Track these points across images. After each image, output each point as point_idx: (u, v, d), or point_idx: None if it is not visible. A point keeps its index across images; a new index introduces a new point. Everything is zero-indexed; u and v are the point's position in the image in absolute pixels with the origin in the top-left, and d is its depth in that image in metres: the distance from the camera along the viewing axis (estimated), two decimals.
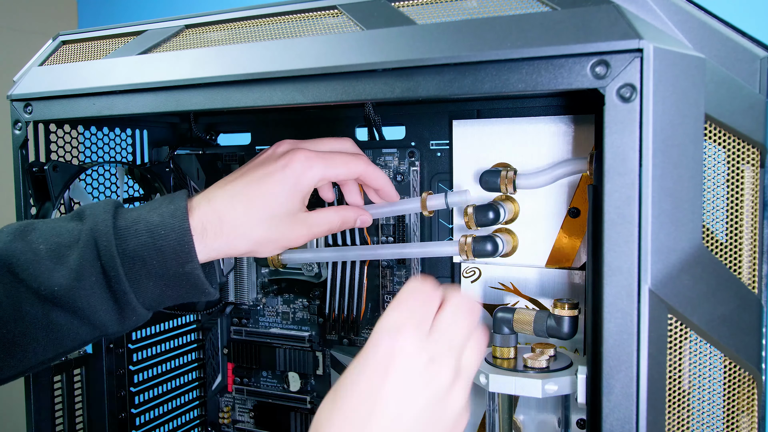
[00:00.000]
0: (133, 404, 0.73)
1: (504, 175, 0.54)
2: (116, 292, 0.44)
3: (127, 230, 0.44)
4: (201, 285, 0.45)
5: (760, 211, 0.41)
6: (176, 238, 0.44)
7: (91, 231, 0.44)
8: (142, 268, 0.44)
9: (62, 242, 0.44)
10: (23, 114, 0.59)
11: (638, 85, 0.36)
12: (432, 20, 0.43)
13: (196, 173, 0.74)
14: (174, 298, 0.46)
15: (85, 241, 0.44)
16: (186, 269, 0.44)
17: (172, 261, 0.44)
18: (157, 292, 0.45)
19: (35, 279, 0.43)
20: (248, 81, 0.48)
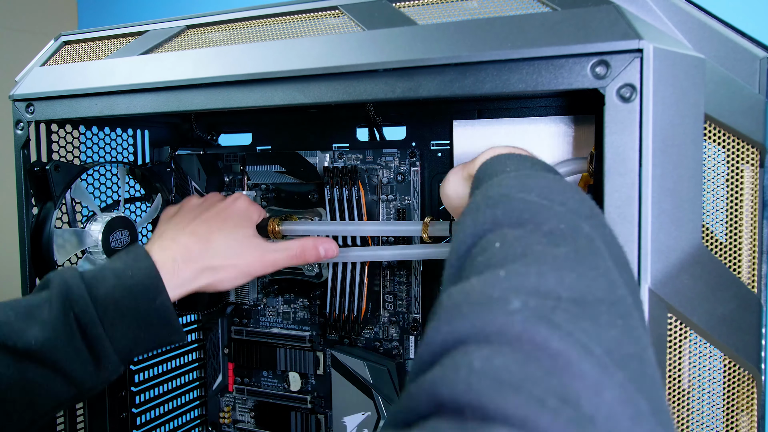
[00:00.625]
0: (134, 404, 0.73)
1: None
2: (91, 338, 0.45)
3: (95, 278, 0.46)
4: (171, 320, 0.48)
5: (759, 211, 0.41)
6: (144, 275, 0.47)
7: (59, 286, 0.45)
8: (115, 310, 0.46)
9: (32, 304, 0.46)
10: (25, 114, 0.59)
11: (638, 85, 0.36)
12: (433, 21, 0.43)
13: (197, 173, 0.74)
14: (146, 342, 0.48)
15: (56, 296, 0.45)
16: (157, 303, 0.47)
17: (143, 297, 0.47)
18: (131, 336, 0.46)
19: (9, 338, 0.44)
20: (249, 81, 0.48)
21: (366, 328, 0.70)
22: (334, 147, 0.70)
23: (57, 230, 0.61)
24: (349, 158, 0.67)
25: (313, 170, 0.68)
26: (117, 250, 0.66)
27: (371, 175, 0.67)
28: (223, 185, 0.76)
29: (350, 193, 0.65)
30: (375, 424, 0.67)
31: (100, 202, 0.70)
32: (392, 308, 0.68)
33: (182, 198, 0.74)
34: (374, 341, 0.69)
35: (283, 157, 0.69)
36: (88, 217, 0.66)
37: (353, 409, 0.68)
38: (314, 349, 0.73)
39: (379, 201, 0.66)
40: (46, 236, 0.60)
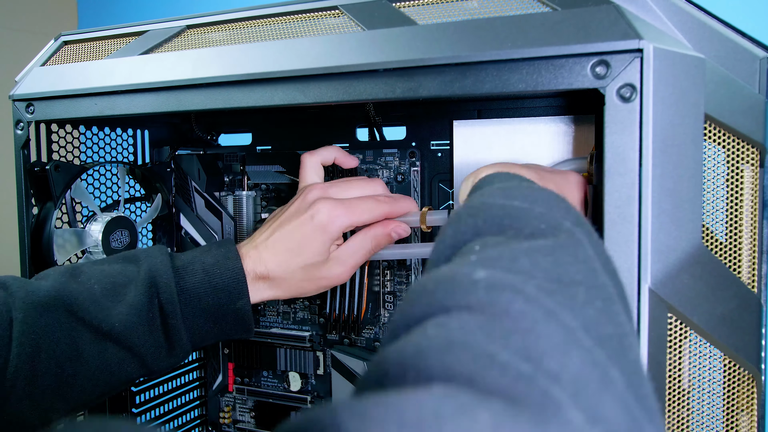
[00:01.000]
0: (134, 404, 0.73)
1: None
2: (170, 327, 0.46)
3: (185, 269, 0.47)
4: (247, 322, 0.49)
5: (759, 211, 0.41)
6: (231, 277, 0.48)
7: (148, 270, 0.46)
8: (197, 305, 0.47)
9: (117, 282, 0.46)
10: (25, 114, 0.59)
11: (638, 85, 0.36)
12: (433, 20, 0.43)
13: (197, 173, 0.74)
14: (217, 335, 0.49)
15: (143, 279, 0.46)
16: (237, 305, 0.48)
17: (226, 298, 0.47)
18: (206, 329, 0.48)
19: (95, 317, 0.44)
20: (250, 81, 0.48)
21: (366, 328, 0.70)
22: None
23: (57, 230, 0.61)
24: None
25: None
26: (117, 250, 0.66)
27: (371, 175, 0.67)
28: (223, 185, 0.76)
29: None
30: None
31: (100, 202, 0.70)
32: (392, 308, 0.68)
33: (182, 198, 0.74)
34: (374, 341, 0.69)
35: (283, 157, 0.69)
36: (88, 217, 0.66)
37: None
38: (314, 349, 0.73)
39: None
40: (46, 236, 0.60)
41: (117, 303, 0.45)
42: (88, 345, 0.44)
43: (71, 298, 0.44)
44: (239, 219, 0.74)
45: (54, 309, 0.44)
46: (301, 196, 0.53)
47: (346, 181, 0.54)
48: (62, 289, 0.45)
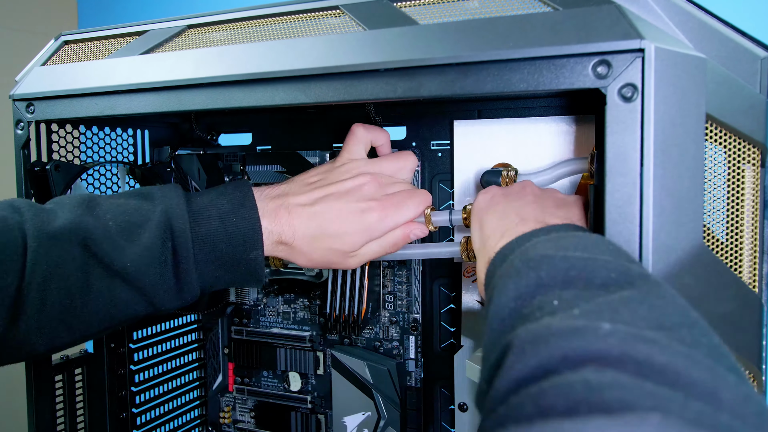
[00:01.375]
0: (134, 404, 0.73)
1: (505, 176, 0.54)
2: (181, 271, 0.46)
3: (200, 214, 0.47)
4: (259, 272, 0.48)
5: (760, 211, 0.41)
6: (247, 227, 0.47)
7: (164, 212, 0.46)
8: (211, 252, 0.46)
9: (132, 220, 0.46)
10: (25, 114, 0.59)
11: (639, 85, 0.36)
12: (434, 20, 0.43)
13: (197, 173, 0.74)
14: (228, 282, 0.48)
15: (158, 222, 0.45)
16: (251, 256, 0.47)
17: (240, 247, 0.47)
18: (216, 275, 0.47)
19: (107, 254, 0.44)
20: (250, 81, 0.48)
21: (366, 328, 0.70)
22: (335, 147, 0.70)
23: None
24: None
25: None
26: None
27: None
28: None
29: None
30: (375, 424, 0.67)
31: None
32: (392, 308, 0.68)
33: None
34: (374, 341, 0.69)
35: (283, 157, 0.69)
36: None
37: (353, 409, 0.68)
38: (314, 349, 0.73)
39: None
40: None
41: (131, 243, 0.45)
42: (98, 281, 0.44)
43: (86, 232, 0.44)
44: None
45: (68, 241, 0.44)
46: (352, 176, 0.52)
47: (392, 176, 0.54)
48: (78, 221, 0.45)
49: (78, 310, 0.44)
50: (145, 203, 0.47)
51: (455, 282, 0.64)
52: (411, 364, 0.67)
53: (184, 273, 0.46)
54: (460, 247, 0.54)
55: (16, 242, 0.43)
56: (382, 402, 0.66)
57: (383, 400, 0.66)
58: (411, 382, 0.67)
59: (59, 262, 0.43)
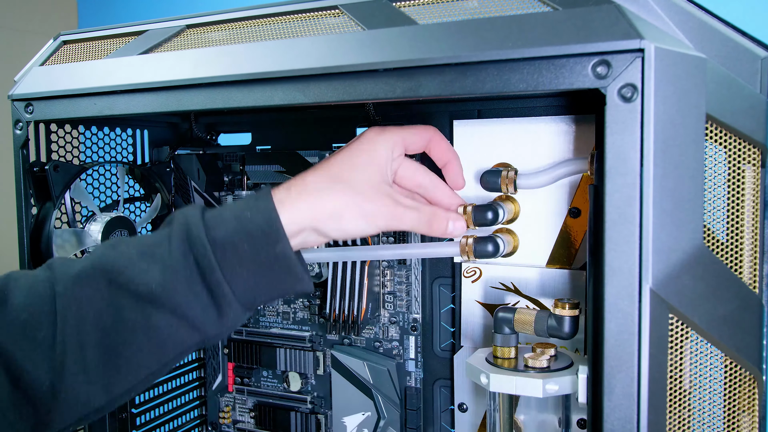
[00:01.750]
0: (134, 404, 0.73)
1: (505, 175, 0.54)
2: (210, 282, 0.43)
3: (215, 219, 0.44)
4: (294, 268, 0.44)
5: (760, 211, 0.41)
6: (263, 219, 0.44)
7: (180, 226, 0.44)
8: (234, 254, 0.43)
9: (153, 243, 0.44)
10: (24, 114, 0.59)
11: (639, 85, 0.36)
12: (433, 20, 0.43)
13: (197, 173, 0.74)
14: (269, 289, 0.45)
15: (175, 236, 0.44)
16: (277, 250, 0.44)
17: (262, 242, 0.44)
18: (252, 282, 0.44)
19: (131, 281, 0.43)
20: (249, 81, 0.48)
21: (366, 328, 0.70)
22: (334, 147, 0.70)
23: (56, 230, 0.61)
24: None
25: None
26: None
27: None
28: (222, 185, 0.76)
29: None
30: (375, 424, 0.67)
31: (99, 202, 0.70)
32: (392, 308, 0.68)
33: (182, 198, 0.74)
34: (374, 341, 0.69)
35: (282, 157, 0.69)
36: (87, 217, 0.66)
37: (353, 409, 0.68)
38: (314, 349, 0.73)
39: None
40: (46, 236, 0.60)
41: (153, 264, 0.43)
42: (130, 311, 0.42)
43: (109, 266, 0.43)
44: None
45: (93, 278, 0.43)
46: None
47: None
48: (101, 258, 0.44)
49: (120, 348, 0.43)
50: (165, 227, 0.45)
51: (455, 282, 0.64)
52: (411, 364, 0.67)
53: (214, 285, 0.43)
54: (460, 247, 0.54)
55: (45, 293, 0.42)
56: (382, 402, 0.66)
57: (383, 401, 0.66)
58: (411, 382, 0.67)
59: (88, 301, 0.42)
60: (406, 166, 0.52)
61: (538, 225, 0.57)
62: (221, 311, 0.44)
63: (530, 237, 0.58)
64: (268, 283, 0.44)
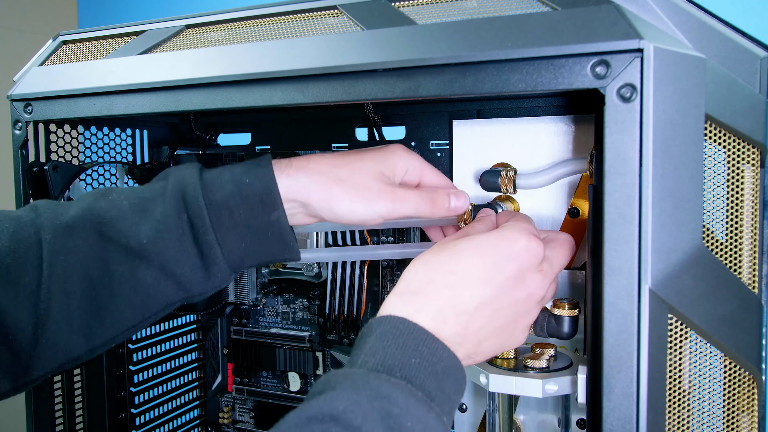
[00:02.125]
0: (133, 404, 0.73)
1: (504, 175, 0.54)
2: (202, 243, 0.43)
3: (213, 181, 0.44)
4: (286, 236, 0.45)
5: (760, 211, 0.41)
6: (261, 186, 0.44)
7: (176, 184, 0.44)
8: (229, 218, 0.43)
9: (146, 197, 0.44)
10: (23, 114, 0.59)
11: (638, 85, 0.36)
12: (432, 20, 0.43)
13: None
14: (258, 255, 0.45)
15: (170, 194, 0.44)
16: (272, 218, 0.44)
17: (258, 209, 0.44)
18: (242, 246, 0.44)
19: (123, 234, 0.42)
20: (249, 81, 0.48)
21: None
22: (333, 147, 0.70)
23: None
24: None
25: None
26: None
27: None
28: None
29: None
30: None
31: None
32: None
33: None
34: None
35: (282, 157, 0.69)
36: None
37: None
38: (314, 349, 0.72)
39: None
40: None
41: (145, 219, 0.43)
42: (119, 265, 0.42)
43: (99, 217, 0.43)
44: None
45: (83, 228, 0.43)
46: None
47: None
48: (91, 208, 0.43)
49: (105, 300, 0.43)
50: (159, 182, 0.45)
51: None
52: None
53: (205, 246, 0.43)
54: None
55: (30, 239, 0.42)
56: None
57: None
58: None
59: (76, 251, 0.42)
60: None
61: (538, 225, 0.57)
62: (209, 272, 0.44)
63: None
64: (258, 248, 0.45)
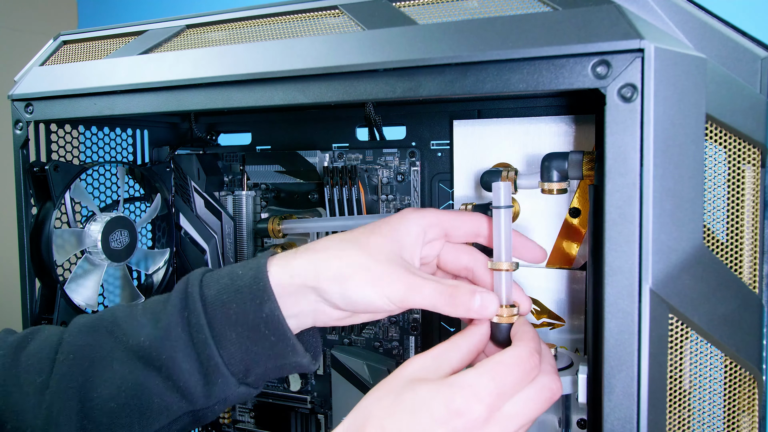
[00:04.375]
0: None
1: (505, 176, 0.53)
2: (198, 344, 0.40)
3: (212, 277, 0.42)
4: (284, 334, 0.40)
5: (760, 211, 0.41)
6: (251, 275, 0.40)
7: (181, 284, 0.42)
8: (223, 314, 0.40)
9: (158, 300, 0.43)
10: (24, 114, 0.59)
11: (639, 85, 0.36)
12: (433, 20, 0.43)
13: (197, 173, 0.74)
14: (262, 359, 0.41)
15: (177, 293, 0.42)
16: (264, 311, 0.40)
17: (249, 301, 0.40)
18: (243, 348, 0.40)
19: (126, 334, 0.41)
20: (249, 81, 0.48)
21: (366, 328, 0.69)
22: (334, 147, 0.70)
23: (56, 230, 0.61)
24: (348, 158, 0.67)
25: (312, 170, 0.68)
26: (116, 250, 0.66)
27: (371, 174, 0.66)
28: (222, 185, 0.76)
29: (350, 193, 0.65)
30: None
31: (99, 202, 0.70)
32: None
33: (182, 198, 0.74)
34: (374, 341, 0.69)
35: (282, 157, 0.69)
36: (87, 217, 0.66)
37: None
38: None
39: (379, 201, 0.66)
40: (46, 236, 0.60)
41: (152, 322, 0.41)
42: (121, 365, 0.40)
43: (113, 317, 0.42)
44: (239, 219, 0.74)
45: (96, 328, 0.42)
46: None
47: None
48: (111, 309, 0.43)
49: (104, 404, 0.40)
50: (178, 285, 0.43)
51: None
52: None
53: (201, 346, 0.40)
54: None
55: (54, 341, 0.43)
56: None
57: None
58: None
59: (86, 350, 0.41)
60: (448, 249, 0.45)
61: (538, 225, 0.57)
62: (208, 378, 0.40)
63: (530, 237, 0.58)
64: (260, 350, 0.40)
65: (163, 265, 0.74)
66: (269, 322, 0.40)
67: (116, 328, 0.42)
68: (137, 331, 0.41)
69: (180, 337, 0.40)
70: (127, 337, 0.41)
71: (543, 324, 0.58)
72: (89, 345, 0.42)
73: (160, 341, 0.40)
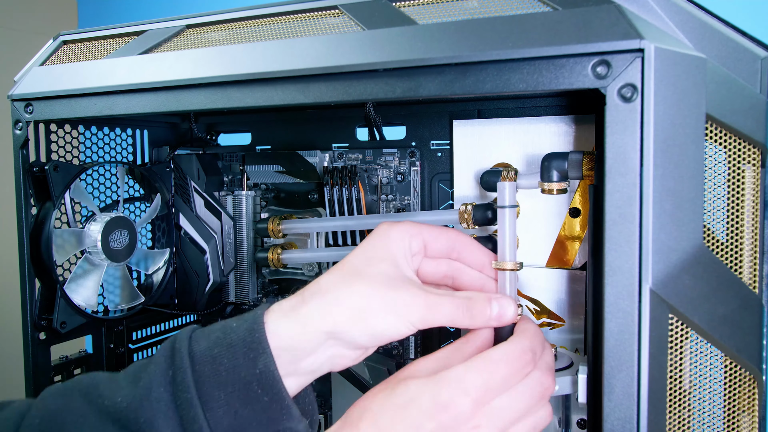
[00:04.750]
0: None
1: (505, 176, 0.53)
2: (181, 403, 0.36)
3: (203, 332, 0.39)
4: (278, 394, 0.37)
5: (760, 211, 0.41)
6: (246, 327, 0.37)
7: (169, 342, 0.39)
8: (213, 372, 0.36)
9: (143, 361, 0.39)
10: (24, 114, 0.59)
11: (639, 85, 0.36)
12: (433, 20, 0.43)
13: (197, 173, 0.74)
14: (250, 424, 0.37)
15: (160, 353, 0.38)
16: (258, 366, 0.36)
17: (242, 356, 0.36)
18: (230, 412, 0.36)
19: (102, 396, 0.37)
20: (249, 81, 0.48)
21: None
22: (334, 147, 0.70)
23: (56, 230, 0.61)
24: (348, 158, 0.67)
25: (312, 170, 0.68)
26: (116, 250, 0.66)
27: (371, 174, 0.66)
28: (222, 185, 0.76)
29: (350, 193, 0.65)
30: None
31: (99, 202, 0.70)
32: None
33: (181, 198, 0.74)
34: None
35: (282, 157, 0.69)
36: (87, 217, 0.66)
37: None
38: None
39: (379, 201, 0.66)
40: (46, 236, 0.60)
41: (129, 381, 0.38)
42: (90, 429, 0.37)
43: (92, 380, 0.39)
44: (239, 219, 0.74)
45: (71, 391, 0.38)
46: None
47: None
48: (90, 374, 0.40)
49: None
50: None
51: None
52: None
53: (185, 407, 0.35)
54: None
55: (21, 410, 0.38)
56: None
57: None
58: None
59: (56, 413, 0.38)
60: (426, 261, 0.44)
61: (538, 225, 0.57)
62: None
63: (530, 237, 0.58)
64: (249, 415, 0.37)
65: (163, 265, 0.74)
66: (262, 380, 0.36)
67: (93, 390, 0.38)
68: (114, 392, 0.37)
69: (161, 398, 0.36)
70: (102, 399, 0.37)
71: (543, 324, 0.58)
72: (59, 410, 0.38)
73: (139, 402, 0.36)
